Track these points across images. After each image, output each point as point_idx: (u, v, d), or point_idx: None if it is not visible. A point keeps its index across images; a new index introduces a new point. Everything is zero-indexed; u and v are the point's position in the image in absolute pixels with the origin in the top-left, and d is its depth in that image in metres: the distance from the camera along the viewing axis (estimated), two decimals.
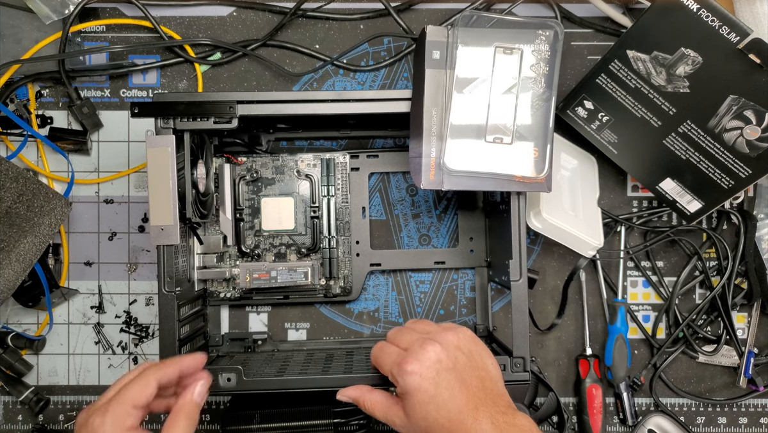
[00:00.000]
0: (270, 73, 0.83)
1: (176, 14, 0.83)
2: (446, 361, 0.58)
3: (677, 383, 0.83)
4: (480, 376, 0.59)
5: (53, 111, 0.83)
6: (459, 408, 0.56)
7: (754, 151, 0.69)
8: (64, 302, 0.83)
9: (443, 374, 0.57)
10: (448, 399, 0.56)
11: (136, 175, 0.83)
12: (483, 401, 0.57)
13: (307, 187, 0.80)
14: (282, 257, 0.80)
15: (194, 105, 0.67)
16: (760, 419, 0.83)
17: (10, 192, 0.75)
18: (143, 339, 0.83)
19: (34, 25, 0.79)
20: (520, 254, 0.68)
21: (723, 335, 0.81)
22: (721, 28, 0.65)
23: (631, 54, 0.71)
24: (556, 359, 0.83)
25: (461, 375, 0.58)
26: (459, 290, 0.84)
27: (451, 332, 0.60)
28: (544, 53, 0.65)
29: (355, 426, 0.74)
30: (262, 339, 0.81)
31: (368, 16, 0.83)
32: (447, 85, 0.65)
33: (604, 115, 0.76)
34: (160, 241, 0.67)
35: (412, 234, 0.84)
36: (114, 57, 0.83)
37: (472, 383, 0.58)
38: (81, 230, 0.83)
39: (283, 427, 0.72)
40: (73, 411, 0.82)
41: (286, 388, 0.67)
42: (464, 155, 0.65)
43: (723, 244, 0.81)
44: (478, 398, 0.57)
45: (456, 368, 0.58)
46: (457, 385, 0.57)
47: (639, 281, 0.84)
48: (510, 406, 0.58)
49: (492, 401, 0.57)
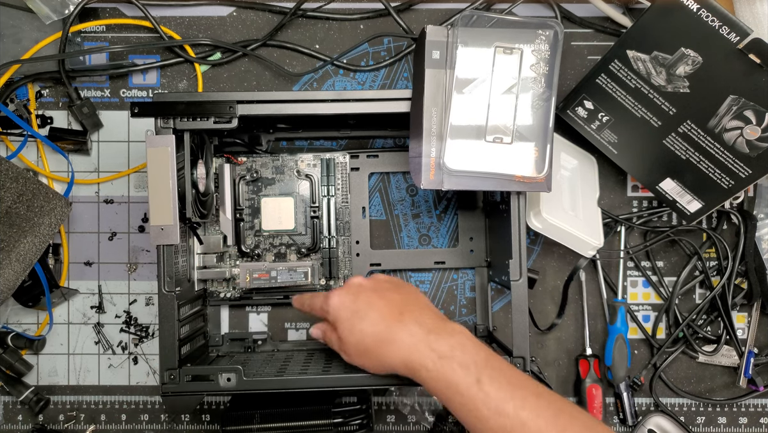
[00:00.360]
0: (270, 73, 0.83)
1: (176, 14, 0.83)
2: (367, 284, 0.65)
3: (677, 383, 0.83)
4: (405, 295, 0.64)
5: (53, 111, 0.83)
6: (381, 315, 0.61)
7: (754, 151, 0.69)
8: (64, 302, 0.83)
9: (363, 293, 0.64)
10: (368, 310, 0.62)
11: (136, 175, 0.83)
12: (408, 308, 0.62)
13: (307, 187, 0.80)
14: (282, 257, 0.80)
15: (194, 105, 0.67)
16: (760, 419, 0.83)
17: (10, 192, 0.75)
18: (143, 339, 0.83)
19: (34, 25, 0.79)
20: (520, 253, 0.68)
21: (723, 335, 0.81)
22: (721, 28, 0.65)
23: (631, 54, 0.71)
24: (556, 359, 0.83)
25: (382, 293, 0.64)
26: (459, 290, 0.84)
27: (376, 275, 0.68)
28: (544, 53, 0.65)
29: (355, 426, 0.74)
30: (262, 339, 0.81)
31: (368, 16, 0.83)
32: (447, 85, 0.65)
33: (604, 115, 0.76)
34: (160, 241, 0.67)
35: (412, 234, 0.84)
36: (114, 57, 0.83)
37: (393, 297, 0.63)
38: (81, 230, 0.83)
39: (283, 427, 0.72)
40: (73, 411, 0.82)
41: (286, 388, 0.67)
42: (464, 155, 0.65)
43: (723, 244, 0.81)
44: (402, 306, 0.62)
45: (377, 288, 0.65)
46: (376, 298, 0.63)
47: (639, 281, 0.84)
48: (440, 316, 0.63)
49: (419, 310, 0.62)
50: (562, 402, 0.57)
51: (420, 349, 0.59)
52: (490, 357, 0.59)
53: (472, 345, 0.59)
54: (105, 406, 0.83)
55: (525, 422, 0.54)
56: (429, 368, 0.58)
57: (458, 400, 0.57)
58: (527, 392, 0.56)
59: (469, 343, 0.59)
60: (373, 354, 0.62)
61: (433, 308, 0.65)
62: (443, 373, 0.58)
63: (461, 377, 0.57)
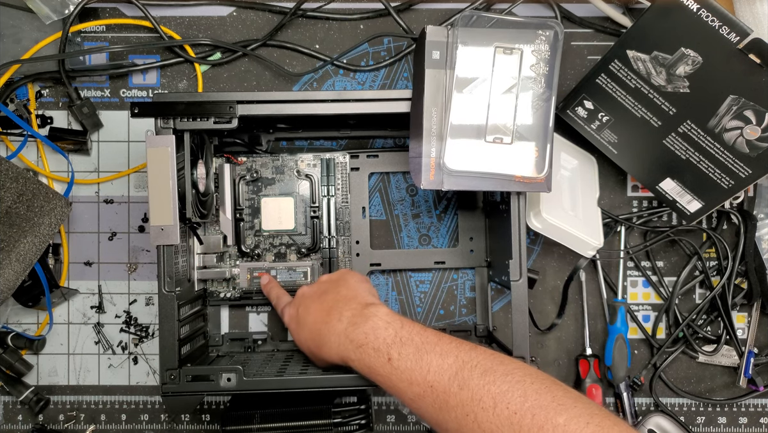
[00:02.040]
0: (270, 73, 0.83)
1: (176, 14, 0.83)
2: (308, 292, 0.70)
3: (677, 383, 0.83)
4: (337, 291, 0.67)
5: (53, 111, 0.83)
6: (314, 320, 0.66)
7: (754, 151, 0.69)
8: (64, 302, 0.83)
9: (303, 302, 0.69)
10: (305, 317, 0.67)
11: (136, 175, 0.83)
12: (335, 306, 0.65)
13: (307, 187, 0.80)
14: (282, 257, 0.80)
15: (194, 105, 0.67)
16: (760, 419, 0.83)
17: (10, 192, 0.75)
18: (143, 339, 0.83)
19: (34, 25, 0.79)
20: (520, 254, 0.68)
21: (723, 335, 0.81)
22: (721, 28, 0.65)
23: (631, 54, 0.71)
24: (556, 359, 0.83)
25: (319, 297, 0.68)
26: (459, 290, 0.84)
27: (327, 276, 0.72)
28: (544, 53, 0.65)
29: (355, 426, 0.74)
30: (262, 339, 0.81)
31: (368, 16, 0.83)
32: (447, 85, 0.65)
33: (604, 115, 0.76)
34: (160, 241, 0.67)
35: (412, 234, 0.84)
36: (114, 57, 0.83)
37: (326, 298, 0.67)
38: (81, 230, 0.83)
39: (283, 427, 0.72)
40: (73, 411, 0.82)
41: (286, 388, 0.67)
42: (464, 155, 0.65)
43: (723, 244, 0.81)
44: (330, 306, 0.65)
45: (315, 293, 0.69)
46: (312, 304, 0.68)
47: (639, 281, 0.84)
48: (363, 303, 0.65)
49: (344, 304, 0.65)
50: (467, 354, 0.57)
51: (343, 343, 0.63)
52: (399, 330, 0.60)
53: (383, 325, 0.61)
54: (105, 406, 0.83)
55: (431, 384, 0.56)
56: (353, 358, 0.62)
57: (380, 380, 0.61)
58: (432, 355, 0.58)
59: (381, 323, 0.61)
60: (318, 357, 0.67)
61: (361, 295, 0.67)
62: (363, 360, 0.61)
63: (375, 360, 0.60)
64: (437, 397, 0.56)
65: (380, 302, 0.65)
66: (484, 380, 0.54)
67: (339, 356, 0.64)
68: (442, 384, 0.56)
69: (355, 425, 0.74)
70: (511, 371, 0.55)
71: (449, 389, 0.55)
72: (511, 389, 0.53)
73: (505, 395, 0.53)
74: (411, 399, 0.58)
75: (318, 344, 0.66)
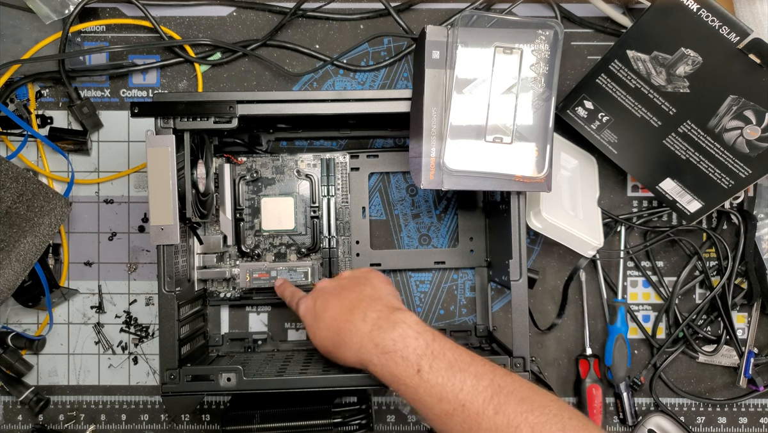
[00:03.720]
0: (270, 73, 0.83)
1: (176, 14, 0.83)
2: (328, 286, 0.67)
3: (677, 383, 0.83)
4: (361, 290, 0.65)
5: (53, 111, 0.83)
6: (333, 317, 0.63)
7: (754, 151, 0.69)
8: (64, 302, 0.83)
9: (321, 296, 0.66)
10: (323, 313, 0.64)
11: (136, 175, 0.83)
12: (359, 305, 0.62)
13: (307, 187, 0.80)
14: (282, 257, 0.80)
15: (194, 105, 0.67)
16: (760, 419, 0.83)
17: (10, 192, 0.75)
18: (143, 339, 0.83)
19: (34, 25, 0.79)
20: (520, 253, 0.68)
21: (723, 335, 0.81)
22: (721, 28, 0.65)
23: (631, 54, 0.71)
24: (556, 359, 0.83)
25: (339, 293, 0.65)
26: (459, 290, 0.83)
27: (346, 272, 0.70)
28: (544, 53, 0.65)
29: (355, 426, 0.74)
30: (262, 339, 0.81)
31: (368, 16, 0.83)
32: (447, 85, 0.65)
33: (604, 115, 0.76)
34: (160, 241, 0.67)
35: (412, 234, 0.84)
36: (114, 57, 0.83)
37: (347, 296, 0.64)
38: (81, 230, 0.83)
39: (282, 427, 0.72)
40: (73, 411, 0.82)
41: (286, 388, 0.67)
42: (464, 155, 0.65)
43: (723, 244, 0.81)
44: (353, 304, 0.63)
45: (335, 288, 0.66)
46: (332, 299, 0.65)
47: (639, 281, 0.84)
48: (390, 305, 0.63)
49: (368, 304, 0.62)
50: (503, 378, 0.56)
51: (365, 345, 0.60)
52: (430, 343, 0.59)
53: (414, 334, 0.59)
54: (105, 406, 0.83)
55: (464, 404, 0.55)
56: (375, 363, 0.60)
57: (404, 390, 0.59)
58: (466, 375, 0.56)
59: (411, 332, 0.59)
60: (333, 355, 0.65)
61: (386, 297, 0.65)
62: (387, 367, 0.59)
63: (403, 369, 0.58)
64: (468, 417, 0.55)
65: (406, 308, 0.63)
66: (521, 408, 0.53)
67: (358, 358, 0.61)
68: (476, 405, 0.55)
69: (355, 425, 0.74)
70: (547, 403, 0.54)
71: (483, 412, 0.54)
72: (550, 421, 0.52)
73: (544, 426, 0.52)
74: (437, 414, 0.57)
75: (335, 342, 0.63)
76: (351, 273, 0.70)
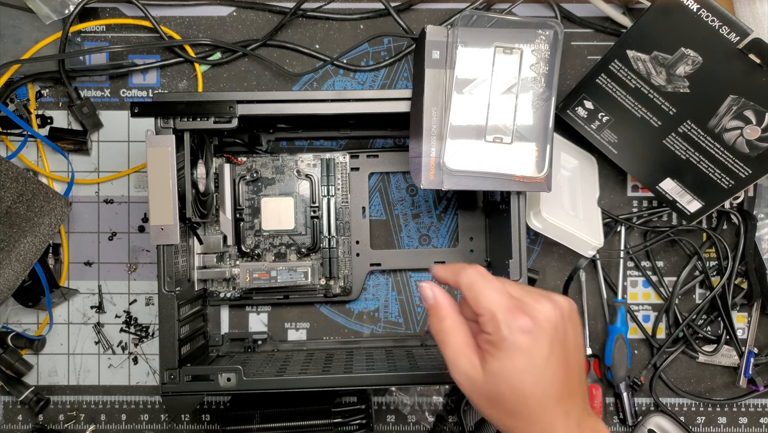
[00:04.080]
0: (270, 73, 0.83)
1: (176, 14, 0.83)
2: (561, 331, 0.48)
3: (677, 383, 0.83)
4: (579, 362, 0.50)
5: (53, 111, 0.83)
6: (555, 393, 0.47)
7: (754, 151, 0.69)
8: (64, 302, 0.83)
9: (556, 348, 0.47)
10: (550, 378, 0.47)
11: (136, 175, 0.83)
12: (575, 394, 0.49)
13: (307, 187, 0.80)
14: (282, 257, 0.80)
15: (194, 105, 0.67)
16: (760, 419, 0.83)
17: (10, 192, 0.75)
18: (143, 339, 0.83)
19: (34, 25, 0.79)
20: (520, 254, 0.68)
21: (723, 335, 0.81)
22: (721, 28, 0.65)
23: (631, 54, 0.71)
24: None
25: (567, 355, 0.48)
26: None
27: (563, 299, 0.50)
28: (544, 53, 0.65)
29: (355, 426, 0.74)
30: (262, 339, 0.81)
31: (368, 16, 0.83)
32: (447, 85, 0.65)
33: (604, 115, 0.76)
34: (160, 241, 0.67)
35: (412, 234, 0.84)
36: (114, 57, 0.83)
37: (574, 368, 0.49)
38: (81, 230, 0.83)
39: (283, 427, 0.72)
40: (73, 411, 0.82)
41: (286, 388, 0.67)
42: (464, 155, 0.65)
43: (723, 244, 0.81)
44: (574, 388, 0.49)
45: (566, 344, 0.49)
46: (562, 365, 0.48)
47: (639, 281, 0.84)
48: (587, 407, 0.51)
49: (581, 397, 0.50)
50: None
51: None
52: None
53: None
54: (105, 406, 0.83)
55: None
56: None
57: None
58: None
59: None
60: (507, 415, 0.48)
61: (584, 383, 0.52)
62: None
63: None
64: None
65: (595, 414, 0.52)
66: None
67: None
68: None
69: (355, 425, 0.75)
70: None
71: None
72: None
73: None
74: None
75: (532, 414, 0.47)
76: (570, 313, 0.50)
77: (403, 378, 0.64)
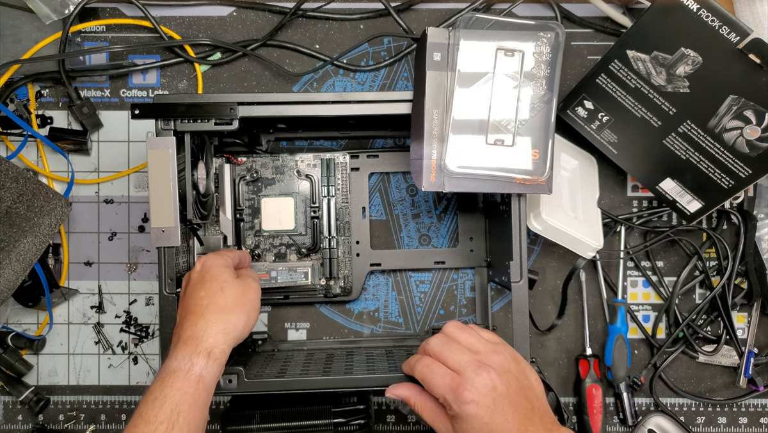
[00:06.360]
0: (270, 73, 0.83)
1: (176, 14, 0.83)
2: (501, 387, 0.58)
3: (677, 383, 0.83)
4: (528, 396, 0.59)
5: (53, 111, 0.83)
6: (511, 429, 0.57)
7: (754, 151, 0.69)
8: (64, 302, 0.83)
9: (498, 402, 0.57)
10: (501, 425, 0.57)
11: (136, 175, 0.83)
12: (531, 421, 0.58)
13: (307, 187, 0.80)
14: (282, 257, 0.80)
15: (195, 107, 0.67)
16: (760, 419, 0.83)
17: (10, 192, 0.75)
18: (143, 339, 0.83)
19: (34, 25, 0.79)
20: (520, 255, 0.68)
21: (723, 335, 0.81)
22: (721, 28, 0.65)
23: (631, 54, 0.71)
24: (556, 359, 0.83)
25: (513, 399, 0.58)
26: (459, 290, 0.84)
27: (499, 356, 0.60)
28: (545, 55, 0.65)
29: (355, 426, 0.74)
30: (262, 339, 0.81)
31: (368, 16, 0.83)
32: (448, 87, 0.65)
33: (604, 115, 0.76)
34: (160, 243, 0.67)
35: (412, 234, 0.84)
36: (114, 57, 0.83)
37: (523, 405, 0.59)
38: (81, 230, 0.83)
39: (283, 427, 0.72)
40: (73, 411, 0.82)
41: (288, 389, 0.67)
42: (465, 157, 0.65)
43: (723, 244, 0.81)
44: (528, 419, 0.58)
45: (509, 393, 0.58)
46: (510, 410, 0.57)
47: (639, 281, 0.84)
48: (554, 421, 0.60)
49: (539, 420, 0.58)
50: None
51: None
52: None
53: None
54: (105, 406, 0.83)
55: None
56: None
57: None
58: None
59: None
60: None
61: (548, 408, 0.61)
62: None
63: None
64: None
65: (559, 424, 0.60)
66: None
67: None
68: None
69: (355, 425, 0.75)
70: None
71: None
72: None
73: None
74: None
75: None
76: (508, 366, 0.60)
77: (403, 379, 0.64)
